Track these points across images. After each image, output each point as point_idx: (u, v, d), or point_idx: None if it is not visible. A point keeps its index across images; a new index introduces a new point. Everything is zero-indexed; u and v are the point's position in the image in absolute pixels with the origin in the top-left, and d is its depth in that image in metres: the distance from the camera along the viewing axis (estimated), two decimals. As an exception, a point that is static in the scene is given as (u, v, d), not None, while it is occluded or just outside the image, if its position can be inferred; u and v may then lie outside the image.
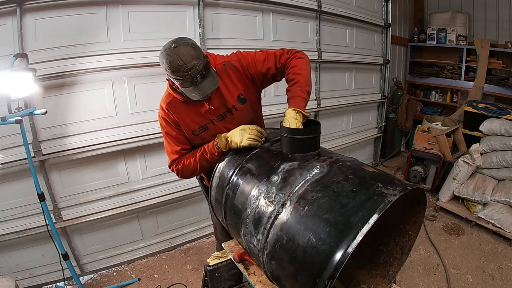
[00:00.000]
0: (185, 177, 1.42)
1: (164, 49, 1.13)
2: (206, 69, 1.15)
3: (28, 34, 1.94)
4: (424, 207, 1.08)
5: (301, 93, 1.26)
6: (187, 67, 1.10)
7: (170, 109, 1.32)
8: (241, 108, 1.38)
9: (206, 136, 1.37)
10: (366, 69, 3.99)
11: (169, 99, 1.34)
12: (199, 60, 1.12)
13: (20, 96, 1.68)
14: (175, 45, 1.11)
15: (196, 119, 1.34)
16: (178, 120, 1.33)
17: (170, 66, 1.11)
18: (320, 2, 3.10)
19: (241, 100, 1.36)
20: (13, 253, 2.24)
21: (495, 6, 4.28)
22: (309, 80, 1.32)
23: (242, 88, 1.35)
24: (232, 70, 1.32)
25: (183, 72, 1.10)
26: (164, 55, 1.13)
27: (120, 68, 2.20)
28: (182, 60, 1.09)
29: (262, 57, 1.34)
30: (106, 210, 2.39)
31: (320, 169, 1.03)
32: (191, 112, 1.33)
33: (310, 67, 1.37)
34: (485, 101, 3.97)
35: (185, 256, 2.76)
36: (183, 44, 1.12)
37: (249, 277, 1.29)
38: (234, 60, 1.34)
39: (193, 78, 1.12)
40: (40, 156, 2.09)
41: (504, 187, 2.95)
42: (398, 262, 1.19)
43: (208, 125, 1.37)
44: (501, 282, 2.37)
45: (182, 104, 1.32)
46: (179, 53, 1.09)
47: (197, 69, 1.11)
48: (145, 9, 2.26)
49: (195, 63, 1.11)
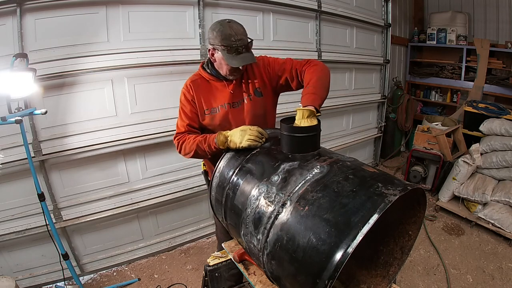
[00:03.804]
0: (181, 153, 1.48)
1: (218, 21, 1.33)
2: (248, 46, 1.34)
3: (28, 34, 1.94)
4: (424, 207, 1.08)
5: (309, 89, 1.29)
6: (236, 37, 1.28)
7: (193, 85, 1.45)
8: (256, 100, 1.48)
9: (215, 118, 1.47)
10: (366, 69, 3.99)
11: (195, 78, 1.48)
12: (246, 36, 1.33)
13: (20, 96, 1.68)
14: (228, 20, 1.32)
15: (211, 99, 1.46)
16: (195, 97, 1.45)
17: (221, 34, 1.28)
18: (320, 2, 3.10)
19: (257, 93, 1.47)
20: (13, 253, 2.24)
21: (495, 6, 4.29)
22: (322, 81, 1.33)
23: (260, 83, 1.47)
24: (256, 65, 1.46)
25: (232, 41, 1.28)
26: (217, 25, 1.31)
27: (120, 68, 2.20)
28: (233, 31, 1.28)
29: (282, 61, 1.47)
30: (106, 210, 2.39)
31: (320, 169, 1.03)
32: (211, 91, 1.46)
33: (326, 73, 1.37)
34: (485, 101, 3.97)
35: (185, 256, 2.76)
36: (235, 22, 1.33)
37: (249, 277, 1.29)
38: (259, 58, 1.47)
39: (238, 48, 1.29)
40: (40, 156, 2.09)
41: (504, 187, 2.95)
42: (398, 262, 1.19)
43: (221, 107, 1.46)
44: (501, 282, 2.37)
45: (206, 83, 1.46)
46: (231, 26, 1.29)
47: (243, 42, 1.30)
48: (145, 9, 2.26)
49: (243, 37, 1.30)
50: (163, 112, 2.46)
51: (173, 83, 2.47)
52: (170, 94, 2.48)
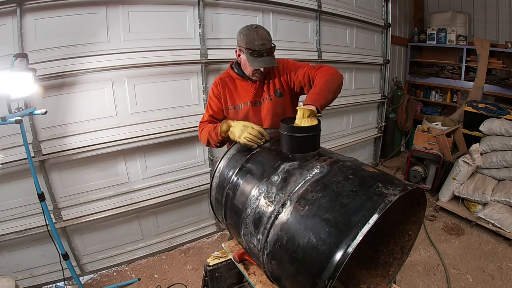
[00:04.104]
0: (200, 139, 1.61)
1: (246, 27, 1.45)
2: (271, 51, 1.45)
3: (28, 34, 1.94)
4: (424, 207, 1.08)
5: (314, 90, 1.31)
6: (260, 41, 1.40)
7: (220, 82, 1.59)
8: (276, 100, 1.58)
9: (238, 114, 1.59)
10: (366, 69, 3.99)
11: (223, 76, 1.62)
12: (269, 42, 1.43)
13: (20, 96, 1.68)
14: (255, 26, 1.44)
15: (236, 96, 1.59)
16: (221, 93, 1.58)
17: (246, 38, 1.41)
18: (320, 2, 3.10)
19: (278, 93, 1.57)
20: (13, 253, 2.24)
21: (495, 6, 4.28)
22: (330, 84, 1.34)
23: (279, 84, 1.58)
24: (277, 68, 1.56)
25: (255, 45, 1.40)
26: (244, 30, 1.44)
27: (120, 68, 2.20)
28: (258, 36, 1.40)
29: (299, 65, 1.56)
30: (106, 210, 2.39)
31: (320, 169, 1.03)
32: (236, 89, 1.59)
33: (335, 78, 1.38)
34: (485, 101, 3.97)
35: (185, 256, 2.76)
36: (262, 28, 1.45)
37: (249, 277, 1.29)
38: (281, 61, 1.58)
39: (260, 51, 1.40)
40: (40, 156, 2.09)
41: (504, 187, 2.94)
42: (398, 262, 1.19)
43: (243, 105, 1.58)
44: (501, 282, 2.37)
45: (232, 81, 1.59)
46: (257, 31, 1.41)
47: (265, 46, 1.41)
48: (145, 9, 2.26)
49: (266, 42, 1.41)
50: (163, 112, 2.46)
51: (173, 83, 2.47)
52: (170, 94, 2.48)
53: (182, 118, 2.51)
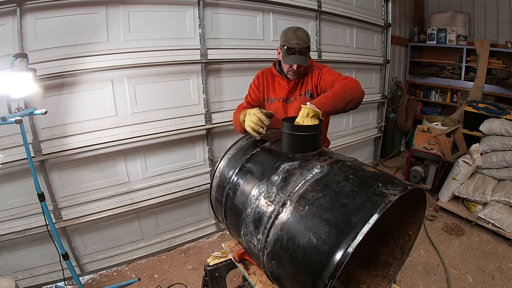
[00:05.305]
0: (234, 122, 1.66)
1: (288, 27, 1.56)
2: (305, 51, 1.53)
3: (28, 34, 1.94)
4: (424, 207, 1.08)
5: (325, 94, 1.32)
6: (295, 41, 1.49)
7: (262, 75, 1.73)
8: (305, 100, 1.62)
9: (271, 107, 1.70)
10: (366, 69, 3.99)
11: (266, 70, 1.75)
12: (305, 43, 1.51)
13: (20, 96, 1.68)
14: (297, 27, 1.55)
15: (271, 90, 1.71)
16: (261, 84, 1.72)
17: (284, 36, 1.53)
18: (320, 2, 3.10)
19: (308, 94, 1.65)
20: (13, 253, 2.24)
21: (495, 6, 4.29)
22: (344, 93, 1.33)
23: (311, 86, 1.66)
24: (313, 71, 1.64)
25: (290, 44, 1.49)
26: (285, 30, 1.56)
27: (120, 68, 2.20)
28: (295, 37, 1.50)
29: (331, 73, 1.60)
30: (106, 210, 2.39)
31: (321, 169, 1.03)
32: (273, 84, 1.71)
33: (352, 89, 1.38)
34: (485, 101, 3.97)
35: (185, 256, 2.76)
36: (302, 30, 1.54)
37: (249, 277, 1.29)
38: (319, 66, 1.66)
39: (293, 50, 1.50)
40: (40, 156, 2.09)
41: (504, 187, 2.94)
42: (398, 262, 1.19)
43: (276, 100, 1.70)
44: (501, 282, 2.37)
45: (272, 76, 1.72)
46: (295, 31, 1.51)
47: (300, 46, 1.50)
48: (145, 9, 2.26)
49: (300, 42, 1.49)
50: (163, 112, 2.46)
51: (173, 83, 2.47)
52: (170, 94, 2.48)
53: (182, 118, 2.51)
